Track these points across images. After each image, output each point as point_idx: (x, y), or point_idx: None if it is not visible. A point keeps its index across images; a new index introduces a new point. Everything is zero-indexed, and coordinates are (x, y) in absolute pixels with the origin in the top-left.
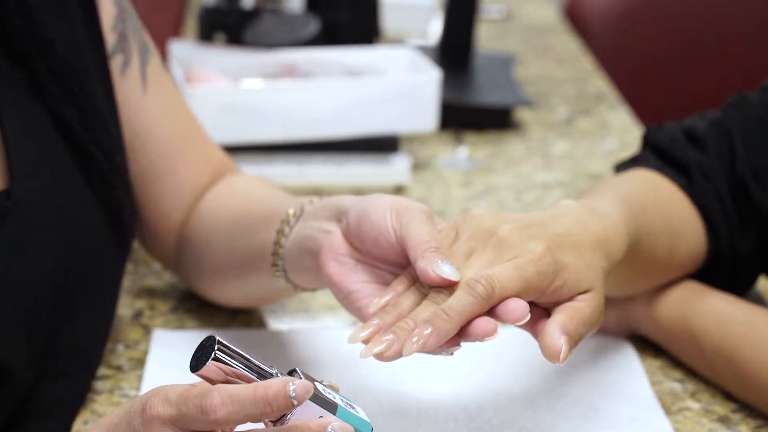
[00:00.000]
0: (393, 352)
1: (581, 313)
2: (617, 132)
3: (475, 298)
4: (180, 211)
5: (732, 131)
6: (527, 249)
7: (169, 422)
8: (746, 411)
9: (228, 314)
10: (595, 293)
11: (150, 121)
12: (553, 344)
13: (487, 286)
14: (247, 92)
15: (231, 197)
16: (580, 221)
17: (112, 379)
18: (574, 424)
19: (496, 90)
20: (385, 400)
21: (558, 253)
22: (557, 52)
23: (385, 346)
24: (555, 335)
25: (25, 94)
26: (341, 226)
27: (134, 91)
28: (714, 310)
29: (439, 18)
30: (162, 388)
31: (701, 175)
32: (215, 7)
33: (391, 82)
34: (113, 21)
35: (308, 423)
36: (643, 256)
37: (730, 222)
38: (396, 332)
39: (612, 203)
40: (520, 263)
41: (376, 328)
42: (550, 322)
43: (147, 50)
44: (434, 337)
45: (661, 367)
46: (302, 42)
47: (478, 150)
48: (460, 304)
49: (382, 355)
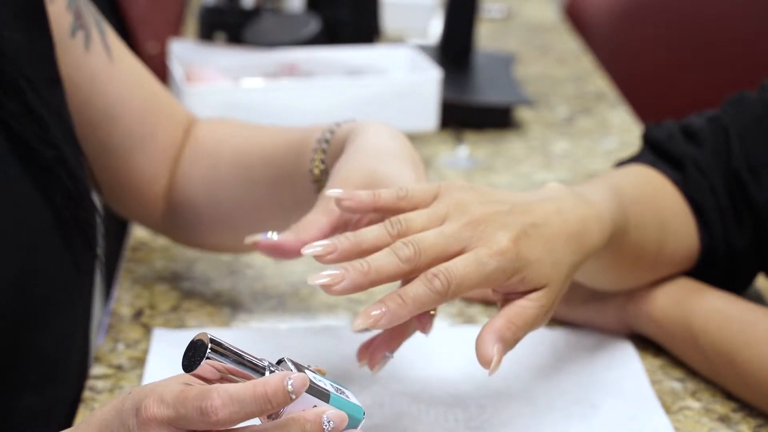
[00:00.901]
0: (340, 288)
1: (523, 317)
2: (617, 131)
3: (432, 291)
4: (164, 174)
5: (729, 128)
6: (494, 239)
7: (166, 424)
8: (746, 410)
9: (228, 313)
10: (548, 291)
11: (122, 88)
12: (485, 353)
13: (444, 282)
14: (247, 91)
15: (220, 148)
16: (561, 209)
17: (112, 379)
18: (574, 423)
19: (497, 89)
20: (385, 399)
21: (524, 247)
22: (557, 52)
23: (331, 279)
24: (488, 344)
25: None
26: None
27: (102, 63)
28: (714, 309)
29: (440, 17)
30: (155, 387)
31: (696, 170)
32: (215, 7)
33: (391, 81)
34: (67, 1)
35: (304, 415)
36: (631, 248)
37: (724, 217)
38: (347, 268)
39: (601, 192)
40: (481, 256)
41: (330, 248)
42: (487, 327)
43: (100, 21)
44: (386, 318)
45: (661, 366)
46: (302, 41)
47: (479, 149)
48: (416, 294)
49: (328, 288)
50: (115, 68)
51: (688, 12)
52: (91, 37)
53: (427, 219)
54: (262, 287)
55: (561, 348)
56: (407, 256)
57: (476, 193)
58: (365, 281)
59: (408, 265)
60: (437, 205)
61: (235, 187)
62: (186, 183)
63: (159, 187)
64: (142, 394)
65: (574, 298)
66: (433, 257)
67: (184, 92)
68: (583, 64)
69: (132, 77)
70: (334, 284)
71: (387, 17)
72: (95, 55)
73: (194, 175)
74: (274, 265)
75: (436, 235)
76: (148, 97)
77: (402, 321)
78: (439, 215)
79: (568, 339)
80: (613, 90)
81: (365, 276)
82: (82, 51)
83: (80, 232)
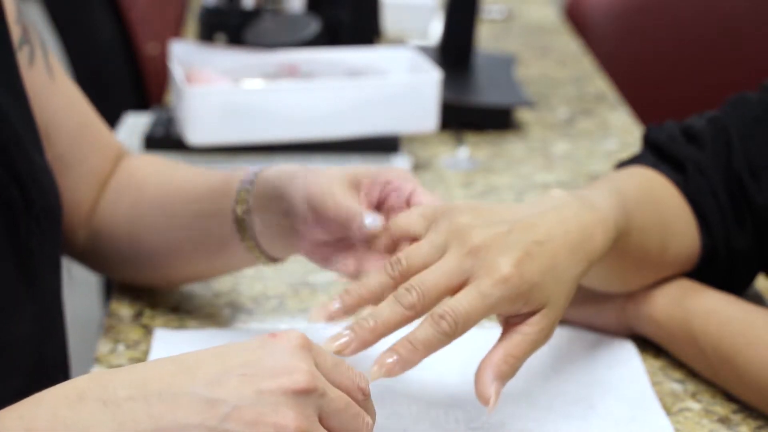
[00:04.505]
0: (350, 351)
1: (521, 346)
2: (618, 132)
3: (440, 333)
4: (89, 200)
5: (730, 129)
6: (495, 267)
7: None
8: (747, 411)
9: (228, 314)
10: (548, 311)
11: (60, 109)
12: (484, 392)
13: (452, 323)
14: (247, 92)
15: (146, 183)
16: (563, 220)
17: None
18: (575, 423)
19: (497, 90)
20: (386, 399)
21: (527, 270)
22: (557, 53)
23: (341, 346)
24: (487, 382)
25: None
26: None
27: (43, 82)
28: (714, 310)
29: (440, 18)
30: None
31: (697, 172)
32: (216, 8)
33: (391, 82)
34: (16, 14)
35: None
36: (634, 251)
37: (725, 218)
38: (355, 330)
39: (604, 196)
40: (484, 288)
41: (337, 312)
42: (485, 364)
43: (45, 41)
44: (399, 366)
45: (661, 367)
46: (303, 42)
47: (479, 150)
48: (426, 338)
49: (340, 353)
50: (54, 88)
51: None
52: (35, 53)
53: (426, 253)
54: (262, 288)
55: (561, 348)
56: (411, 303)
57: (474, 214)
58: (374, 338)
59: (413, 312)
60: (435, 234)
61: (154, 224)
62: (108, 215)
63: (81, 214)
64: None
65: (574, 298)
66: (436, 297)
67: (184, 93)
68: (583, 65)
69: (69, 100)
70: (346, 349)
71: (387, 18)
72: (37, 72)
73: (117, 209)
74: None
75: (437, 274)
76: (82, 123)
77: (413, 366)
78: (438, 246)
79: (568, 339)
80: (614, 91)
81: (373, 333)
82: (26, 65)
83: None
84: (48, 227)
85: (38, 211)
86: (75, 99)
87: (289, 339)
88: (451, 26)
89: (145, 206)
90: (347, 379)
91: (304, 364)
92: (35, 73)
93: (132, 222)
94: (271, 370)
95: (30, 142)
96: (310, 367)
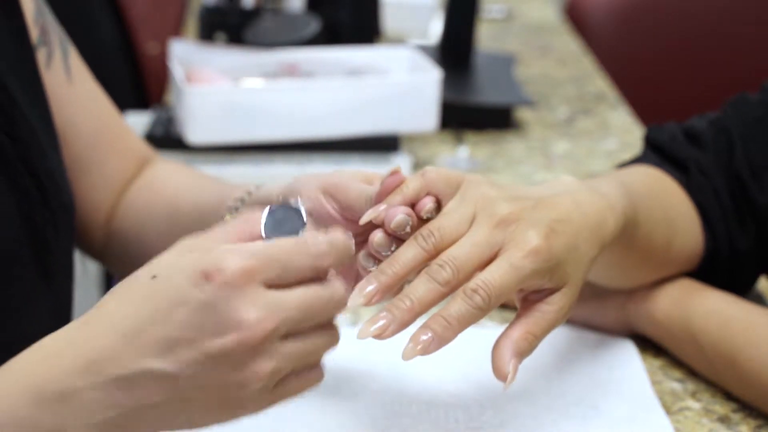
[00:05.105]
0: (389, 333)
1: (541, 324)
2: (618, 132)
3: (474, 308)
4: (108, 203)
5: (731, 130)
6: (525, 239)
7: (262, 277)
8: (747, 411)
9: None
10: (567, 290)
11: (77, 112)
12: (501, 367)
13: (485, 297)
14: (247, 92)
15: (161, 188)
16: (578, 202)
17: None
18: (575, 423)
19: (497, 90)
20: (386, 399)
21: (555, 245)
22: (557, 52)
23: (380, 330)
24: (505, 358)
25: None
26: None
27: (60, 83)
28: (714, 309)
29: (440, 18)
30: (217, 253)
31: (699, 172)
32: (216, 7)
33: (391, 81)
34: (34, 14)
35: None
36: (640, 243)
37: (727, 219)
38: (392, 311)
39: (611, 186)
40: (516, 261)
41: (376, 293)
42: (504, 339)
43: (66, 42)
44: (434, 343)
45: (661, 366)
46: (303, 41)
47: (479, 150)
48: (460, 313)
49: (379, 337)
50: (72, 90)
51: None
52: (53, 55)
53: (457, 223)
54: None
55: (562, 348)
56: (446, 279)
57: (497, 187)
58: (411, 317)
59: (448, 288)
60: (463, 204)
61: (160, 228)
62: (123, 217)
63: (100, 215)
64: (197, 263)
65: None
66: (471, 271)
67: (184, 93)
68: (583, 64)
69: (89, 103)
70: (385, 332)
71: (387, 17)
72: (54, 74)
73: (130, 211)
74: None
75: (469, 248)
76: (103, 125)
77: (448, 343)
78: (467, 217)
79: (568, 338)
80: (614, 91)
81: (410, 312)
82: (44, 66)
83: (52, 227)
84: (63, 223)
85: (54, 205)
86: (96, 102)
87: (226, 279)
88: (451, 26)
89: (155, 210)
90: (300, 273)
91: (250, 308)
92: (53, 74)
93: (141, 224)
94: (216, 327)
95: (47, 141)
96: (257, 311)
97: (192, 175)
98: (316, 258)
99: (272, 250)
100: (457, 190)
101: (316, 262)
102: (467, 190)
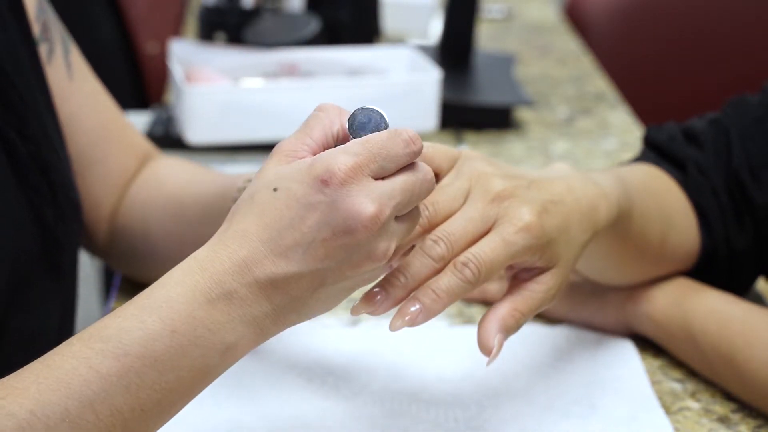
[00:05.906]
0: (383, 309)
1: (529, 302)
2: (617, 132)
3: (464, 281)
4: (110, 199)
5: (730, 129)
6: (518, 215)
7: (369, 171)
8: (746, 411)
9: None
10: (557, 271)
11: (78, 108)
12: (487, 342)
13: (475, 270)
14: (247, 91)
15: (164, 184)
16: (571, 187)
17: None
18: (574, 423)
19: (497, 89)
20: (386, 399)
21: (547, 224)
22: (557, 52)
23: (375, 302)
24: (491, 333)
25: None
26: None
27: (61, 80)
28: (713, 309)
29: (440, 17)
30: (322, 156)
31: (697, 172)
32: (215, 7)
33: (391, 81)
34: (36, 11)
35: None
36: (634, 237)
37: (725, 218)
38: (386, 287)
39: (607, 178)
40: (507, 236)
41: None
42: (491, 314)
43: (67, 39)
44: (423, 315)
45: (661, 366)
46: (302, 41)
47: (479, 149)
48: (449, 286)
49: (373, 313)
50: (74, 86)
51: (689, 12)
52: (54, 51)
53: (452, 198)
54: None
55: (561, 347)
56: (440, 255)
57: (494, 166)
58: (405, 293)
59: (442, 263)
60: (458, 178)
61: (165, 223)
62: (126, 213)
63: (103, 212)
64: (311, 172)
65: (574, 297)
66: (465, 247)
67: (183, 92)
68: (583, 64)
69: (90, 99)
70: (378, 308)
71: (387, 17)
72: (55, 70)
73: (134, 207)
74: None
75: (463, 223)
76: (104, 122)
77: (436, 315)
78: (462, 191)
79: (568, 338)
80: (613, 90)
81: (404, 288)
82: (44, 63)
83: (59, 221)
84: (71, 220)
85: (63, 202)
86: (97, 98)
87: (341, 180)
88: (451, 26)
89: (159, 205)
90: (398, 160)
91: (366, 201)
92: (54, 70)
93: (145, 220)
94: (345, 223)
95: (55, 138)
96: (372, 202)
97: (193, 169)
98: (407, 144)
99: (370, 145)
100: (453, 165)
101: (408, 148)
102: (463, 165)
